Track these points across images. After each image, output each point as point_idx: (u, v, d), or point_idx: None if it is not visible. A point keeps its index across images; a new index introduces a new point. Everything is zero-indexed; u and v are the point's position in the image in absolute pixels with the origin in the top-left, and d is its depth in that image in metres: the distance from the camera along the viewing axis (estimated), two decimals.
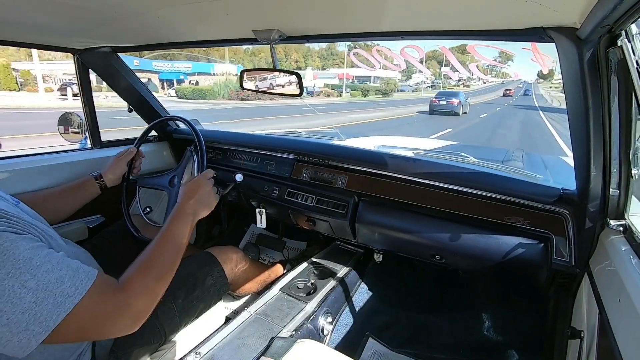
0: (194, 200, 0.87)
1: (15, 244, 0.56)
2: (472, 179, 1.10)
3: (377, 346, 1.30)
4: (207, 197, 0.91)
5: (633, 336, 0.57)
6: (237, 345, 0.96)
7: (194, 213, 0.86)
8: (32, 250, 0.57)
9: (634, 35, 0.61)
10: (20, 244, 0.56)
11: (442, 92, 20.80)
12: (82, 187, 1.12)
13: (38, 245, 0.60)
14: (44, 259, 0.57)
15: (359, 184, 1.26)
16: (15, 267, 0.54)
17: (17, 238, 0.57)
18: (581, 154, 0.81)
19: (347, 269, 1.42)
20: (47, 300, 0.54)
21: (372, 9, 0.75)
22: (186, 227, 0.82)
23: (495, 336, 1.37)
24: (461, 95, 17.39)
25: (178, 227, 0.81)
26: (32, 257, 0.56)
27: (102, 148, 1.54)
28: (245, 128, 5.28)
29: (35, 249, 0.58)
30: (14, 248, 0.55)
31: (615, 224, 0.81)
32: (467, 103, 17.90)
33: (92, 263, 0.90)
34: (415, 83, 50.04)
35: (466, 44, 51.95)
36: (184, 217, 0.83)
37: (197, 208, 0.87)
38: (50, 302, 0.55)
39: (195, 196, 0.88)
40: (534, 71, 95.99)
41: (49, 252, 0.59)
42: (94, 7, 0.82)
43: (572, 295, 1.01)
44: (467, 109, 17.23)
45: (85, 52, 1.36)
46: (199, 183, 0.92)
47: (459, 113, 15.95)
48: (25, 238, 0.59)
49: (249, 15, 0.86)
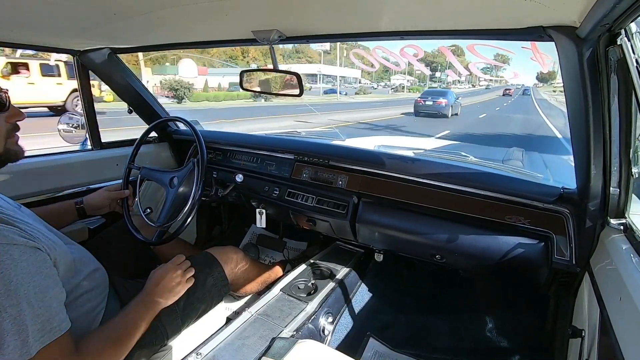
0: (159, 286, 0.90)
1: (17, 263, 0.57)
2: (473, 179, 1.10)
3: (378, 346, 1.30)
4: (173, 284, 0.93)
5: (634, 335, 0.57)
6: (238, 345, 0.96)
7: (158, 300, 0.89)
8: (29, 277, 0.59)
9: (633, 33, 0.61)
10: (22, 265, 0.58)
11: (428, 91, 18.64)
12: (62, 210, 1.13)
13: (36, 271, 0.61)
14: (32, 290, 0.59)
15: (359, 184, 1.26)
16: (5, 288, 0.55)
17: (24, 253, 0.59)
18: (581, 153, 0.81)
19: (348, 269, 1.42)
20: (15, 335, 0.56)
21: (371, 9, 0.76)
22: (148, 312, 0.86)
23: (496, 335, 1.37)
24: (450, 94, 15.49)
25: (140, 310, 0.85)
26: (23, 283, 0.57)
27: (102, 149, 1.54)
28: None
29: (32, 275, 0.60)
30: (14, 267, 0.57)
31: (616, 222, 0.81)
32: (458, 103, 15.95)
33: (93, 261, 0.90)
34: (398, 85, 46.55)
35: (460, 45, 51.26)
36: (147, 302, 0.87)
37: (161, 295, 0.90)
38: (16, 338, 0.56)
39: (162, 282, 0.91)
40: (533, 72, 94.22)
41: (41, 283, 0.61)
42: (93, 8, 0.82)
43: (573, 294, 1.01)
44: (457, 110, 15.47)
45: (85, 53, 1.36)
46: (166, 270, 0.94)
47: (448, 115, 14.26)
48: (32, 255, 0.60)
49: (249, 15, 0.86)
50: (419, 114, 14.31)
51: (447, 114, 14.24)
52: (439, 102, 14.25)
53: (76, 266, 0.80)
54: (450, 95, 15.17)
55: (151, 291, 0.89)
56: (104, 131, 1.54)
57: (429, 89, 34.38)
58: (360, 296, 1.45)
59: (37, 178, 1.26)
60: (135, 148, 1.30)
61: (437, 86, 45.80)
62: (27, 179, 1.24)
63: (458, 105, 15.73)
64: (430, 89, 31.24)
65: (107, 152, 1.54)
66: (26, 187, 1.22)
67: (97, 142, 1.53)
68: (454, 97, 15.39)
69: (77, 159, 1.43)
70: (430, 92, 17.40)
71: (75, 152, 1.49)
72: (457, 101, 15.63)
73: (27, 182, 1.23)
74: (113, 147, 1.58)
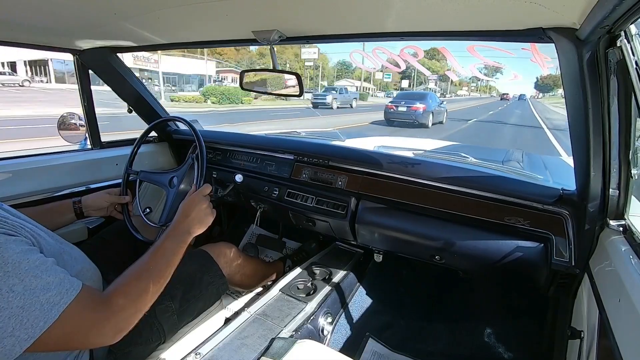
0: (190, 218, 0.88)
1: (5, 246, 0.55)
2: (472, 180, 1.10)
3: (377, 346, 1.30)
4: (202, 214, 0.91)
5: (633, 336, 0.57)
6: (237, 345, 0.96)
7: (189, 231, 0.87)
8: (22, 254, 0.56)
9: (633, 35, 0.61)
10: (10, 246, 0.56)
11: (403, 93, 16.18)
12: (59, 210, 1.09)
13: (28, 249, 0.59)
14: (32, 264, 0.56)
15: (359, 185, 1.26)
16: (4, 271, 0.53)
17: (8, 240, 0.56)
18: (581, 154, 0.81)
19: (347, 270, 1.42)
20: (34, 306, 0.54)
21: (371, 9, 0.76)
22: (179, 245, 0.82)
23: (495, 336, 1.37)
24: (431, 98, 12.36)
25: (171, 244, 0.82)
26: (20, 261, 0.55)
27: (102, 149, 1.54)
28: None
29: (25, 252, 0.57)
30: (3, 251, 0.54)
31: (615, 224, 0.82)
32: (443, 109, 13.09)
33: (86, 261, 0.89)
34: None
35: (436, 48, 49.95)
36: (178, 234, 0.85)
37: (191, 226, 0.88)
38: (37, 308, 0.54)
39: (192, 214, 0.89)
40: (531, 78, 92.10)
41: (39, 257, 0.59)
42: (94, 7, 0.82)
43: (572, 295, 1.01)
44: (442, 118, 12.78)
45: (85, 53, 1.36)
46: (195, 200, 0.92)
47: (427, 124, 11.46)
48: (15, 240, 0.58)
49: (249, 15, 0.86)
50: (391, 122, 11.75)
51: (426, 122, 11.49)
52: (414, 107, 11.35)
53: (64, 260, 0.79)
54: (430, 100, 12.14)
55: (181, 223, 0.87)
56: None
57: (404, 90, 30.50)
58: (360, 297, 1.45)
59: (36, 177, 1.26)
60: (133, 151, 1.27)
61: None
62: (26, 177, 1.24)
63: (442, 112, 12.99)
64: (405, 91, 27.91)
65: (107, 152, 1.54)
66: (25, 186, 1.22)
67: (96, 141, 1.53)
68: (436, 102, 12.63)
69: (76, 158, 1.43)
70: (405, 95, 14.69)
71: (75, 152, 1.49)
72: (441, 107, 12.92)
73: (26, 180, 1.23)
74: (113, 147, 1.58)
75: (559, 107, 26.98)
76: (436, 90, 47.95)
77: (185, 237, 0.85)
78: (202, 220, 0.90)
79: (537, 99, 64.83)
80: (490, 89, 76.75)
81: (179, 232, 0.85)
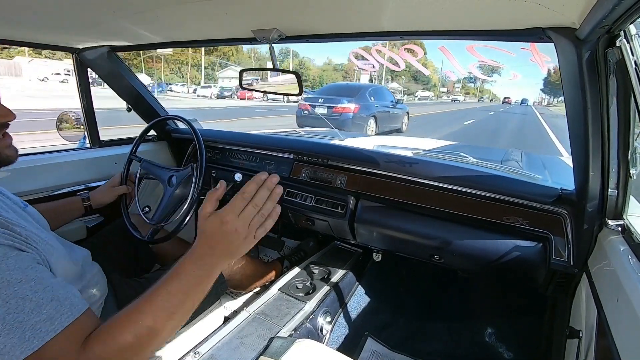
0: (217, 250, 0.57)
1: (5, 262, 0.51)
2: (471, 179, 1.11)
3: (376, 346, 1.30)
4: (234, 247, 0.57)
5: (631, 336, 0.58)
6: (236, 344, 0.96)
7: (212, 269, 0.58)
8: (19, 272, 0.52)
9: (632, 35, 0.61)
10: (9, 263, 0.52)
11: (327, 87, 10.97)
12: (69, 207, 1.15)
13: (27, 267, 0.54)
14: (25, 285, 0.51)
15: (358, 184, 1.26)
16: None
17: (6, 256, 0.52)
18: (580, 154, 0.81)
19: (346, 269, 1.43)
20: (13, 332, 0.48)
21: (371, 8, 0.75)
22: (198, 282, 0.57)
23: (493, 335, 1.37)
24: (373, 95, 7.83)
25: (192, 271, 0.57)
26: (10, 280, 0.50)
27: (101, 147, 1.54)
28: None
29: (23, 270, 0.53)
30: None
31: (614, 224, 0.82)
32: (400, 112, 8.72)
33: (94, 262, 0.90)
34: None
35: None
36: (195, 268, 0.57)
37: (218, 262, 0.58)
38: (17, 335, 0.48)
39: (220, 245, 0.57)
40: (530, 80, 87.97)
41: (37, 278, 0.53)
42: (93, 5, 0.82)
43: (571, 295, 1.01)
44: (399, 124, 8.68)
45: (84, 51, 1.35)
46: (227, 223, 0.56)
47: (364, 133, 6.84)
48: (18, 256, 0.54)
49: (249, 14, 0.86)
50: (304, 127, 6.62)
51: (363, 132, 6.97)
52: (340, 108, 7.10)
53: (82, 270, 0.78)
54: (370, 97, 7.69)
55: (203, 256, 0.57)
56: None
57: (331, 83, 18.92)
58: (359, 296, 1.45)
59: (35, 176, 1.26)
60: (136, 143, 1.31)
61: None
62: (25, 176, 1.23)
63: (399, 116, 8.72)
64: (331, 83, 18.19)
65: (106, 150, 1.53)
66: (24, 184, 1.22)
67: (95, 140, 1.53)
68: (384, 101, 8.14)
69: (75, 156, 1.42)
70: (330, 89, 8.91)
71: (74, 150, 1.49)
72: (397, 108, 8.59)
73: (25, 179, 1.23)
74: (112, 146, 1.58)
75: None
76: (402, 91, 41.65)
77: (208, 272, 0.58)
78: (234, 253, 0.58)
79: (542, 105, 58.76)
80: (482, 92, 70.74)
81: (198, 266, 0.57)
